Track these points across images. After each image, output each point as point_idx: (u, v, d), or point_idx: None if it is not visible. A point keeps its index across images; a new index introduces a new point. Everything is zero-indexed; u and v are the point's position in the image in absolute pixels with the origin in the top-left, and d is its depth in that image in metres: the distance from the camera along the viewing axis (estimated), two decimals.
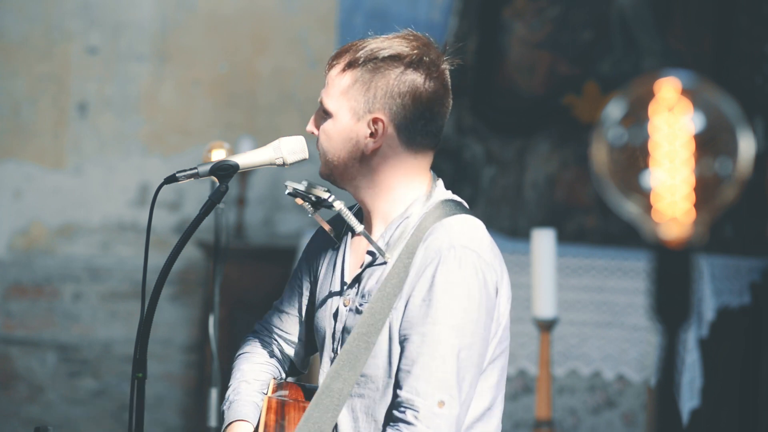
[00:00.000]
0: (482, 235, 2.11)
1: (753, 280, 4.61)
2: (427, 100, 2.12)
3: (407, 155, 2.13)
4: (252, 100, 5.97)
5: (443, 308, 2.02)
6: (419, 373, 2.01)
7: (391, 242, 2.13)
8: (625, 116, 1.18)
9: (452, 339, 2.01)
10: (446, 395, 2.00)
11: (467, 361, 2.02)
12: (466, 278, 2.03)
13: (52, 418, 5.80)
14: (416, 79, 2.11)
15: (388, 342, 2.07)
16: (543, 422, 3.88)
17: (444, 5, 5.68)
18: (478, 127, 5.71)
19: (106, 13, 5.91)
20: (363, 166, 2.14)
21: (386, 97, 2.10)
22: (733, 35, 5.29)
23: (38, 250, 5.90)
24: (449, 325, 2.01)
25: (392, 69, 2.11)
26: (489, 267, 2.07)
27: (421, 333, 2.02)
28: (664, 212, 1.15)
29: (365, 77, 2.11)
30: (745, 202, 4.82)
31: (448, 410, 1.99)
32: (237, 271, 5.34)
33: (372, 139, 2.11)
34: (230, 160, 2.20)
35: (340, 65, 2.14)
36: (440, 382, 2.00)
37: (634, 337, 4.55)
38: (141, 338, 2.14)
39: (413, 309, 2.04)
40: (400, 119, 2.11)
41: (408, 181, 2.14)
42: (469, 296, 2.03)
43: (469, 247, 2.05)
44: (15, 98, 5.89)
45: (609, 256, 4.66)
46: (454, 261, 2.04)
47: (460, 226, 2.09)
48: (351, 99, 2.12)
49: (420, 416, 1.99)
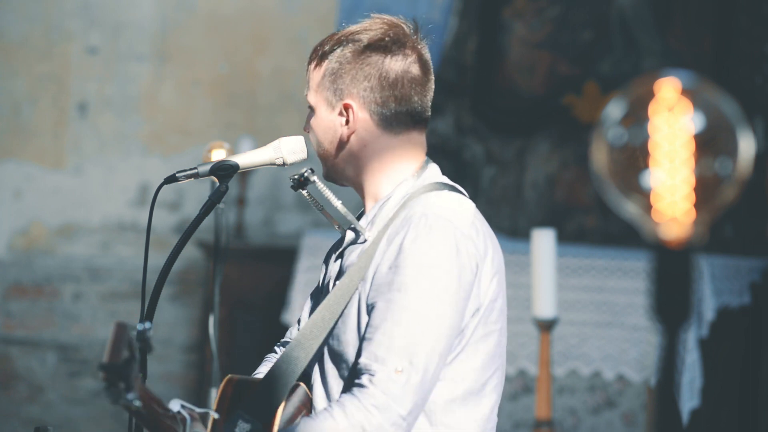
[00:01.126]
0: (465, 209, 2.07)
1: (753, 280, 4.62)
2: (394, 80, 2.11)
3: (386, 137, 2.12)
4: (252, 100, 5.97)
5: (410, 275, 1.97)
6: (380, 339, 1.96)
7: (373, 221, 2.11)
8: (625, 116, 1.18)
9: (417, 306, 1.96)
10: (405, 362, 1.94)
11: (433, 330, 1.96)
12: (436, 245, 1.99)
13: (52, 418, 5.80)
14: (379, 60, 2.11)
15: (357, 315, 2.03)
16: (543, 422, 3.88)
17: (444, 5, 5.68)
18: (478, 127, 5.71)
19: (106, 13, 5.91)
20: (346, 153, 2.13)
21: (353, 82, 2.11)
22: (733, 35, 5.29)
23: (38, 250, 5.90)
24: (415, 292, 1.96)
25: (355, 54, 2.11)
26: (466, 238, 2.01)
27: (386, 299, 1.98)
28: (664, 212, 1.15)
29: (333, 67, 2.13)
30: (745, 202, 4.82)
31: (405, 377, 1.94)
32: (237, 271, 5.34)
33: (346, 126, 2.12)
34: (230, 160, 2.20)
35: (314, 60, 2.17)
36: (400, 348, 1.95)
37: (634, 337, 4.55)
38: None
39: (380, 276, 2.01)
40: (370, 102, 2.11)
41: (394, 161, 2.13)
42: (438, 264, 1.98)
43: (442, 216, 2.02)
44: (15, 98, 5.90)
45: (609, 256, 4.66)
46: (425, 228, 2.00)
47: (438, 198, 2.07)
48: (324, 90, 2.14)
49: (375, 380, 1.94)
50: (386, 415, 1.93)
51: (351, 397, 1.95)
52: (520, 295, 4.48)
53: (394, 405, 1.93)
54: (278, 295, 5.17)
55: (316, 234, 5.05)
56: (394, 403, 1.93)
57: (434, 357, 1.96)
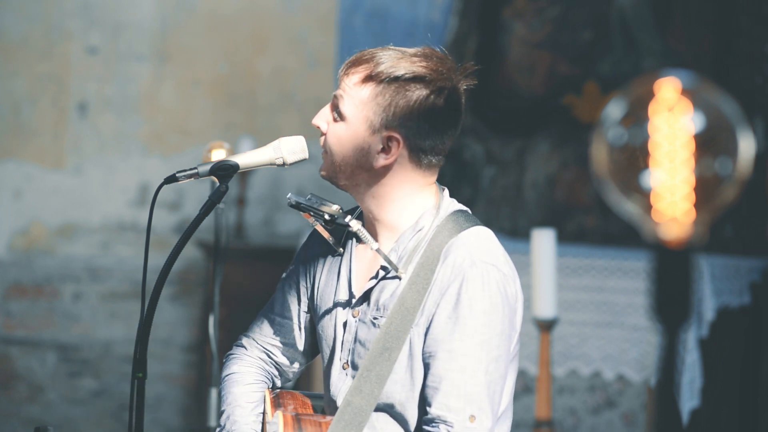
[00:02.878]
0: (497, 247, 2.14)
1: (753, 280, 4.61)
2: (442, 123, 2.13)
3: (415, 173, 2.14)
4: (252, 100, 5.97)
5: (469, 324, 2.05)
6: (449, 389, 2.04)
7: (403, 256, 2.13)
8: (625, 116, 1.18)
9: (479, 354, 2.04)
10: (476, 409, 2.03)
11: (495, 374, 2.06)
12: (491, 294, 2.07)
13: (52, 418, 5.80)
14: (436, 103, 2.11)
15: (408, 358, 2.09)
16: (543, 422, 3.88)
17: (444, 5, 5.67)
18: (478, 127, 5.71)
19: (106, 13, 5.91)
20: (370, 176, 2.14)
21: (404, 117, 2.10)
22: (733, 35, 5.29)
23: (38, 250, 5.90)
24: (476, 340, 2.05)
25: (414, 91, 2.10)
26: (508, 279, 2.11)
27: (448, 350, 2.05)
28: (664, 212, 1.15)
29: (386, 94, 2.10)
30: (745, 202, 4.82)
31: (479, 423, 2.03)
32: (237, 271, 5.33)
33: (384, 154, 2.12)
34: (230, 160, 2.20)
35: (359, 75, 2.13)
36: (470, 396, 2.03)
37: (634, 337, 4.55)
38: (141, 338, 2.14)
39: (438, 326, 2.07)
40: (414, 139, 2.12)
41: (414, 194, 2.15)
42: (494, 311, 2.07)
43: (489, 263, 2.09)
44: (15, 98, 5.89)
45: (609, 256, 4.66)
46: (478, 278, 2.07)
47: (477, 241, 2.12)
48: (369, 111, 2.11)
49: (454, 431, 2.02)
50: None
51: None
52: None
53: None
54: None
55: None
56: None
57: (497, 397, 2.07)
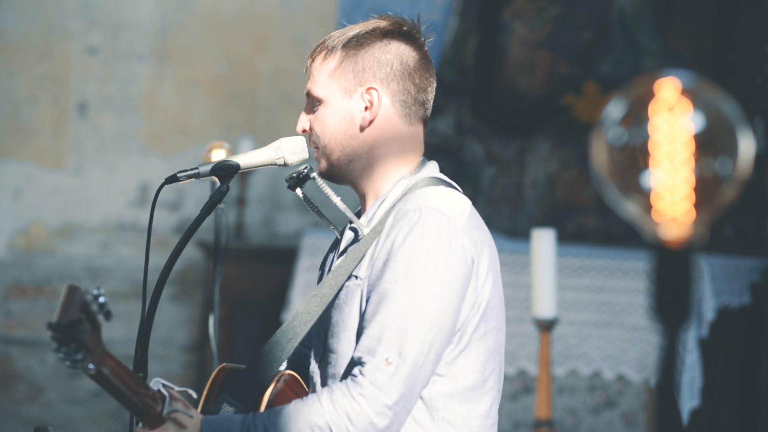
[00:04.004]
0: (461, 204, 2.07)
1: (753, 280, 4.62)
2: (413, 67, 2.14)
3: (401, 124, 2.13)
4: (252, 100, 5.97)
5: (401, 267, 1.98)
6: (371, 331, 1.98)
7: (372, 218, 2.12)
8: (625, 116, 1.18)
9: (408, 298, 1.97)
10: (394, 353, 1.96)
11: (424, 321, 1.97)
12: (428, 237, 1.99)
13: (52, 418, 5.80)
14: (400, 46, 2.14)
15: (359, 315, 2.05)
16: (543, 422, 3.88)
17: (444, 5, 5.68)
18: (478, 127, 5.72)
19: (106, 13, 5.91)
20: (359, 143, 2.13)
21: (375, 66, 2.12)
22: (733, 35, 5.30)
23: (38, 250, 5.90)
24: (407, 284, 1.98)
25: (375, 40, 2.13)
26: (461, 231, 2.02)
27: (378, 292, 2.00)
28: (664, 212, 1.15)
29: (350, 54, 2.13)
30: (745, 202, 4.82)
31: (393, 368, 1.95)
32: (237, 271, 5.34)
33: (368, 110, 2.12)
34: (231, 160, 2.20)
35: (321, 54, 2.17)
36: (389, 339, 1.96)
37: (634, 337, 4.55)
38: (141, 338, 2.14)
39: (375, 271, 2.03)
40: (392, 86, 2.12)
41: (399, 155, 2.14)
42: (431, 256, 1.99)
43: (437, 209, 2.02)
44: (15, 98, 5.90)
45: (609, 256, 4.66)
46: (418, 221, 2.00)
47: (433, 193, 2.07)
48: (340, 78, 2.13)
49: (364, 370, 1.96)
50: (371, 404, 1.95)
51: (341, 385, 1.98)
52: (520, 295, 4.48)
53: (379, 394, 1.95)
54: (278, 295, 5.17)
55: (316, 234, 5.05)
56: (380, 392, 1.95)
57: (425, 348, 1.98)
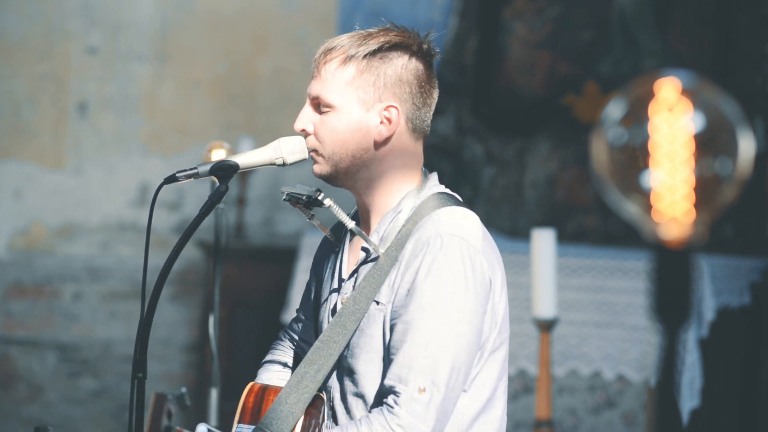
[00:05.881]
0: (473, 224, 2.10)
1: (753, 280, 4.62)
2: (427, 88, 2.16)
3: (410, 142, 2.15)
4: (252, 100, 5.97)
5: (427, 295, 2.01)
6: (402, 360, 2.01)
7: (384, 237, 2.13)
8: (625, 116, 1.18)
9: (436, 325, 2.00)
10: (427, 381, 1.99)
11: (452, 348, 2.01)
12: (452, 264, 2.02)
13: (52, 418, 5.80)
14: (418, 67, 2.14)
15: (382, 336, 2.07)
16: (543, 422, 3.88)
17: (444, 5, 5.68)
18: (478, 127, 5.71)
19: (106, 13, 5.91)
20: (371, 156, 2.13)
21: (396, 84, 2.12)
22: (733, 35, 5.29)
23: (38, 250, 5.90)
24: (433, 311, 2.01)
25: (398, 57, 2.13)
26: (479, 253, 2.05)
27: (405, 321, 2.02)
28: (664, 212, 1.15)
29: (372, 66, 2.12)
30: (745, 202, 4.82)
31: (428, 396, 1.99)
32: (237, 271, 5.33)
33: (385, 126, 2.12)
34: (230, 160, 2.20)
35: (338, 58, 2.14)
36: (421, 368, 1.99)
37: (634, 337, 4.55)
38: (141, 338, 2.14)
39: (399, 299, 2.05)
40: (408, 105, 2.13)
41: (405, 171, 2.15)
42: (455, 282, 2.02)
43: (456, 235, 2.05)
44: (15, 98, 5.89)
45: (609, 256, 4.66)
46: (440, 249, 2.03)
47: (448, 216, 2.09)
48: (359, 89, 2.12)
49: (399, 401, 1.99)
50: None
51: (378, 415, 2.01)
52: (520, 295, 4.48)
53: (417, 423, 1.99)
54: (278, 295, 5.17)
55: (316, 234, 5.05)
56: (417, 421, 1.99)
57: (455, 374, 2.02)
